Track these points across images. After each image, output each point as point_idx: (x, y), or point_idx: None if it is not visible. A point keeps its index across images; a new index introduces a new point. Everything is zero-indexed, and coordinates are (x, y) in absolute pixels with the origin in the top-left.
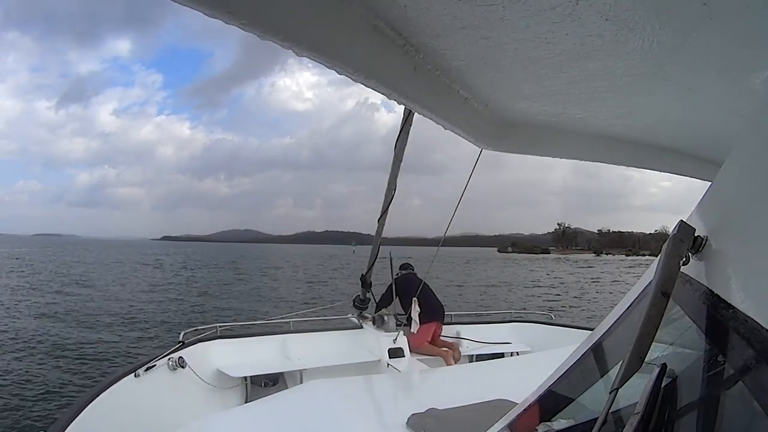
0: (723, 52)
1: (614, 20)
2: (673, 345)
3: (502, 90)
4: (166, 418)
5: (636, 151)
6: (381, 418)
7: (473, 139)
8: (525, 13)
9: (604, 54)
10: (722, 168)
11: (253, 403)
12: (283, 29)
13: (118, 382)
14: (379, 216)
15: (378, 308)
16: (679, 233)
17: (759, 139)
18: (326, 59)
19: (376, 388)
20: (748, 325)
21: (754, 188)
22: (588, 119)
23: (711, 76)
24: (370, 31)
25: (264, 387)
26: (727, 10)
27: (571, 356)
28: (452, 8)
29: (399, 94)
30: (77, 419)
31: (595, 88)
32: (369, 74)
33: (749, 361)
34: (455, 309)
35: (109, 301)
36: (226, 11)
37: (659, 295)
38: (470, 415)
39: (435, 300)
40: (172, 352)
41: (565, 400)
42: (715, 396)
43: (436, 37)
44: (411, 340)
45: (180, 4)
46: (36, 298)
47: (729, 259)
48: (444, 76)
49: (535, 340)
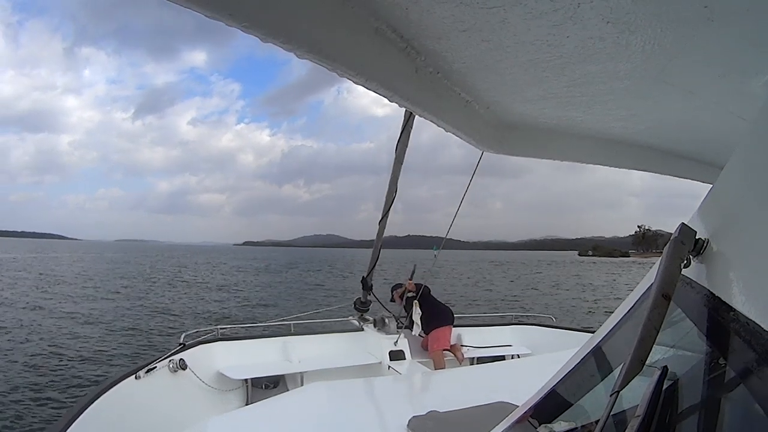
0: (724, 55)
1: (615, 23)
2: (674, 348)
3: (503, 93)
4: (167, 420)
5: (637, 153)
6: (382, 421)
7: (474, 142)
8: (526, 15)
9: (606, 57)
10: (723, 171)
11: (254, 406)
12: (284, 32)
13: (119, 383)
14: (380, 218)
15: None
16: (680, 235)
17: (760, 142)
18: (328, 62)
19: (377, 390)
20: (749, 327)
21: (755, 191)
22: (589, 122)
23: (712, 79)
24: (372, 33)
25: (265, 389)
26: (728, 13)
27: (572, 359)
28: (453, 11)
29: (400, 97)
30: (77, 421)
31: (596, 90)
32: (370, 76)
33: (750, 364)
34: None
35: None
36: (227, 13)
37: (660, 297)
38: (471, 418)
39: (442, 305)
40: (173, 353)
41: (566, 403)
42: (716, 399)
43: (437, 39)
44: (430, 345)
45: (182, 6)
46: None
47: (730, 261)
48: (445, 78)
49: (536, 342)
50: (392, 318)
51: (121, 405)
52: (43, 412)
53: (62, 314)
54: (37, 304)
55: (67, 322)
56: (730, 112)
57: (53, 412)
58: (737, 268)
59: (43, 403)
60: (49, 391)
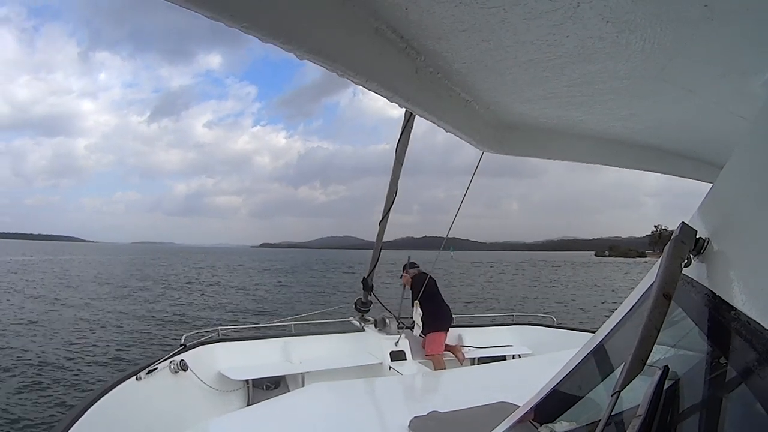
0: (724, 54)
1: (615, 22)
2: (675, 347)
3: (503, 92)
4: (168, 422)
5: (637, 153)
6: (383, 421)
7: (474, 142)
8: (526, 15)
9: (606, 56)
10: (724, 170)
11: (255, 406)
12: (284, 32)
13: (120, 385)
14: (381, 219)
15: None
16: (680, 235)
17: (760, 142)
18: (328, 62)
19: (378, 391)
20: (750, 327)
21: (755, 190)
22: (589, 122)
23: (712, 79)
24: (372, 33)
25: (266, 390)
26: (728, 12)
27: (573, 359)
28: (453, 11)
29: (400, 97)
30: (78, 422)
31: (596, 90)
32: (370, 77)
33: (751, 363)
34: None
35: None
36: (228, 14)
37: (661, 297)
38: (472, 418)
39: (444, 305)
40: (173, 354)
41: (567, 403)
42: (717, 398)
43: (437, 39)
44: (426, 347)
45: (182, 6)
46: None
47: (731, 260)
48: (445, 78)
49: (537, 342)
50: (393, 318)
51: (122, 406)
52: (45, 413)
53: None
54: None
55: (77, 322)
56: (730, 111)
57: (54, 413)
58: (738, 268)
59: (44, 403)
60: (50, 392)
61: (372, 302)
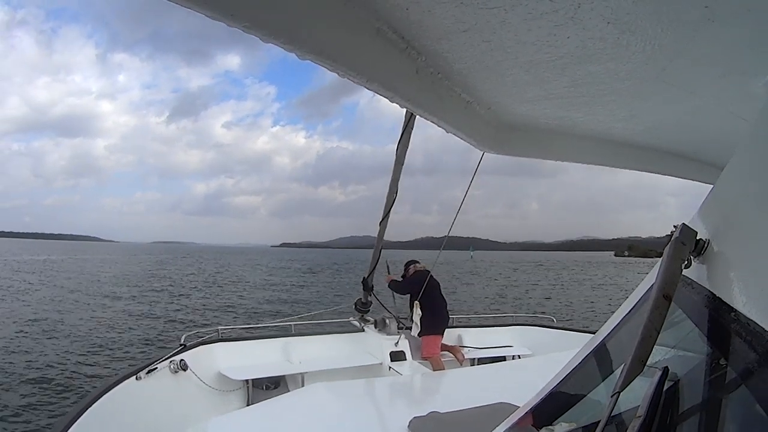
0: (725, 55)
1: (616, 23)
2: (675, 348)
3: (504, 93)
4: (168, 421)
5: (638, 154)
6: (382, 422)
7: (475, 143)
8: (526, 16)
9: (606, 57)
10: (724, 171)
11: (255, 406)
12: (285, 32)
13: (120, 384)
14: (381, 219)
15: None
16: (681, 236)
17: (761, 143)
18: (329, 62)
19: (378, 391)
20: (750, 328)
21: (756, 191)
22: (590, 122)
23: (713, 80)
24: (373, 34)
25: (266, 390)
26: (728, 13)
27: (573, 360)
28: (454, 11)
29: (401, 97)
30: (78, 422)
31: (597, 91)
32: (371, 77)
33: (751, 365)
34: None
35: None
36: (229, 14)
37: (661, 298)
38: (472, 419)
39: (443, 308)
40: (173, 354)
41: (566, 404)
42: (717, 399)
43: (438, 40)
44: (424, 348)
45: (183, 6)
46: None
47: (731, 262)
48: (446, 79)
49: (537, 343)
50: (393, 319)
51: (122, 406)
52: (45, 413)
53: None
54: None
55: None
56: (730, 112)
57: (55, 413)
58: (738, 269)
59: (44, 403)
60: (50, 392)
61: (372, 302)
